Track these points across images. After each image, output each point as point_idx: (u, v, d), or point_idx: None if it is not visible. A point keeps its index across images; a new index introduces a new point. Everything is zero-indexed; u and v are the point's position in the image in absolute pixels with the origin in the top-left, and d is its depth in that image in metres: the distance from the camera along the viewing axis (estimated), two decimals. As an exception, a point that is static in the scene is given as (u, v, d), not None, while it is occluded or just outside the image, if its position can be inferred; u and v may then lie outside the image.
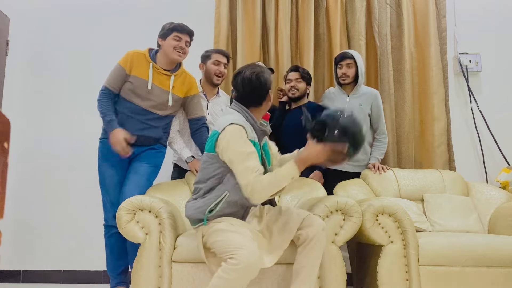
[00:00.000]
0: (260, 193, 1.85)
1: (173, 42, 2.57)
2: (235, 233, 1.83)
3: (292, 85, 3.03)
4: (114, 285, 2.63)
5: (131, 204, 2.13)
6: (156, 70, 2.59)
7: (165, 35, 2.59)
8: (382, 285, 2.19)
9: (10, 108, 3.44)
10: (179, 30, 2.58)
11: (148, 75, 2.57)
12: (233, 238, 1.80)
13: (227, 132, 1.92)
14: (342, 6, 3.53)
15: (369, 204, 2.25)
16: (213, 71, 2.87)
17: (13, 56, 3.50)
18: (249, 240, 1.80)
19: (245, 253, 1.72)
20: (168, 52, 2.57)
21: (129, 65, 2.56)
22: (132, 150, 2.52)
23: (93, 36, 3.57)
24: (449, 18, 3.62)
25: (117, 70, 2.57)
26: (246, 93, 2.03)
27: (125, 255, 2.62)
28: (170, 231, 2.12)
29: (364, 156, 3.04)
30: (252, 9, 3.48)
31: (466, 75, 3.59)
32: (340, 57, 3.05)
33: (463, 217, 2.73)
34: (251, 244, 1.78)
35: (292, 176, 1.87)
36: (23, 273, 3.29)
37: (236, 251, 1.74)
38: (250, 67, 2.06)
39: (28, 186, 3.39)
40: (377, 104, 3.04)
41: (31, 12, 3.57)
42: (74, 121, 3.47)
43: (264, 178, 1.85)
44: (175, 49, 2.57)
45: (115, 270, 2.62)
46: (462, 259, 2.22)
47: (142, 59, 2.59)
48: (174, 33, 2.57)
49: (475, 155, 3.56)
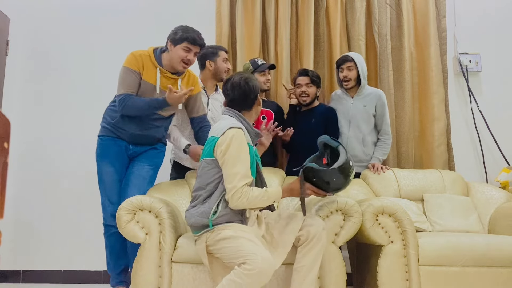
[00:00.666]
0: (243, 203, 1.92)
1: (182, 53, 2.48)
2: (245, 239, 1.85)
3: (303, 90, 3.04)
4: (114, 284, 2.62)
5: (131, 204, 2.13)
6: (163, 75, 2.54)
7: (176, 42, 2.49)
8: (382, 285, 2.19)
9: (10, 108, 3.44)
10: (191, 42, 2.48)
11: (155, 79, 2.52)
12: (245, 244, 1.82)
13: (228, 136, 1.95)
14: (342, 6, 3.53)
15: (369, 204, 2.25)
16: (223, 69, 2.90)
17: (13, 56, 3.49)
18: (261, 246, 1.83)
19: (260, 259, 1.75)
20: (174, 61, 2.51)
21: (141, 68, 2.49)
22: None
23: (93, 36, 3.57)
24: (449, 18, 3.62)
25: (131, 74, 2.47)
26: (236, 97, 2.10)
27: (125, 255, 2.61)
28: (170, 231, 2.12)
29: (366, 157, 3.05)
30: (252, 8, 3.48)
31: (466, 75, 3.59)
32: (341, 61, 3.08)
33: (463, 217, 2.73)
34: (264, 251, 1.81)
35: (274, 200, 1.99)
36: (23, 273, 3.29)
37: (250, 256, 1.76)
38: (239, 73, 2.16)
39: (28, 186, 3.39)
40: (382, 104, 3.06)
41: (31, 12, 3.57)
42: (74, 121, 3.47)
43: (254, 191, 1.92)
44: (182, 60, 2.50)
45: (115, 269, 2.62)
46: (462, 259, 2.22)
47: (149, 63, 2.52)
48: (185, 43, 2.48)
49: (475, 155, 3.56)
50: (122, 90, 2.47)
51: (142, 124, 2.56)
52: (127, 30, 3.57)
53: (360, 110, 3.03)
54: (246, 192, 1.90)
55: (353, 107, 3.05)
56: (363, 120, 3.04)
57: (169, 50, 2.53)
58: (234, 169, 1.91)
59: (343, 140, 3.05)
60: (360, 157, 3.03)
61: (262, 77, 3.06)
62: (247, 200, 1.90)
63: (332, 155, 2.18)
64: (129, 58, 2.50)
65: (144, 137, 2.59)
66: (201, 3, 3.61)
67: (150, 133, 2.60)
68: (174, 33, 2.51)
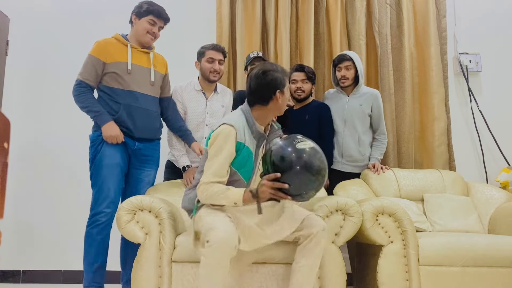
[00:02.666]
0: (202, 198, 1.91)
1: (147, 25, 2.57)
2: (210, 216, 1.85)
3: (298, 87, 2.99)
4: (87, 285, 2.43)
5: (131, 204, 2.13)
6: (134, 50, 2.60)
7: (141, 15, 2.58)
8: (382, 285, 2.19)
9: (10, 108, 3.45)
10: (156, 15, 2.58)
11: (127, 57, 2.56)
12: (208, 220, 1.83)
13: (217, 131, 1.95)
14: (342, 6, 3.53)
15: (369, 204, 2.25)
16: (208, 69, 2.81)
17: (13, 56, 3.50)
18: (221, 220, 1.81)
19: (216, 232, 1.73)
20: (140, 34, 2.59)
21: (104, 54, 2.52)
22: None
23: (93, 36, 3.54)
24: (449, 18, 3.62)
25: (92, 61, 2.51)
26: (251, 90, 1.99)
27: (104, 251, 2.47)
28: (170, 231, 2.12)
29: (362, 156, 3.03)
30: (252, 8, 3.48)
31: (466, 75, 3.59)
32: (338, 60, 3.03)
33: (463, 217, 2.73)
34: (224, 224, 1.78)
35: (235, 202, 1.86)
36: (23, 273, 3.29)
37: (209, 232, 1.76)
38: (262, 64, 2.04)
39: (28, 186, 3.39)
40: (378, 105, 3.04)
41: (31, 12, 3.57)
42: (74, 120, 3.46)
43: (215, 187, 1.87)
44: (148, 32, 2.58)
45: (91, 266, 2.43)
46: (462, 259, 2.21)
47: (116, 44, 2.57)
48: (150, 16, 2.57)
49: (475, 155, 3.56)
50: (80, 76, 2.52)
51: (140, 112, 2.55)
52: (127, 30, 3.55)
53: (356, 109, 3.00)
54: (208, 187, 1.88)
55: (348, 106, 3.02)
56: (359, 119, 3.00)
57: (134, 23, 2.61)
58: (209, 164, 1.91)
59: (338, 139, 3.01)
60: (355, 157, 3.01)
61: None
62: (206, 196, 1.89)
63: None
64: (94, 46, 2.55)
65: (145, 129, 2.59)
66: (201, 3, 3.61)
67: (149, 123, 2.60)
68: (139, 7, 2.59)
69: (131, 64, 2.56)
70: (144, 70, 2.61)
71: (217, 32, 3.47)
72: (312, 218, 1.99)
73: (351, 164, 3.02)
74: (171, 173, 2.89)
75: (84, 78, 2.52)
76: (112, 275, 3.08)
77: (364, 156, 3.03)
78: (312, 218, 1.99)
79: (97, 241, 2.43)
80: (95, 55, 2.52)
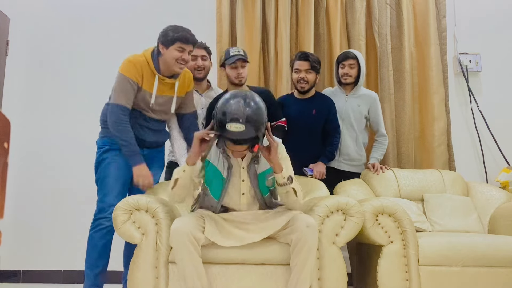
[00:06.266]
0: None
1: (176, 53, 2.40)
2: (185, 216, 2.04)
3: (302, 77, 2.84)
4: (87, 286, 2.42)
5: (128, 204, 2.11)
6: (161, 81, 2.48)
7: (168, 44, 2.40)
8: (382, 285, 2.19)
9: (10, 108, 3.44)
10: (183, 41, 2.40)
11: (153, 87, 2.46)
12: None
13: None
14: (342, 6, 3.53)
15: (369, 204, 2.24)
16: (192, 66, 2.81)
17: (13, 56, 3.50)
18: (186, 216, 2.00)
19: (173, 224, 1.93)
20: (170, 64, 2.43)
21: (140, 79, 2.42)
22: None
23: (93, 36, 3.57)
24: (449, 18, 3.62)
25: (130, 85, 2.39)
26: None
27: (105, 255, 2.46)
28: (167, 231, 2.09)
29: (359, 156, 3.03)
30: (252, 8, 3.48)
31: (466, 75, 3.59)
32: (342, 57, 3.00)
33: (463, 217, 2.73)
34: (183, 217, 1.98)
35: (184, 170, 1.98)
36: (23, 273, 3.29)
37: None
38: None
39: (28, 186, 3.39)
40: (375, 108, 3.03)
41: (31, 12, 3.57)
42: (74, 121, 3.47)
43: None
44: (177, 61, 2.41)
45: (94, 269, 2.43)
46: (462, 259, 2.21)
47: (148, 70, 2.44)
48: (177, 43, 2.39)
49: (475, 155, 3.56)
50: (121, 101, 2.38)
51: (149, 132, 2.54)
52: (127, 30, 3.56)
53: (354, 109, 2.99)
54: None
55: (346, 105, 3.01)
56: (356, 119, 2.99)
57: (162, 53, 2.44)
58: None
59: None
60: (352, 156, 3.00)
61: (233, 71, 2.73)
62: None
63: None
64: (128, 66, 2.40)
65: (153, 143, 2.58)
66: (201, 3, 3.61)
67: (158, 138, 2.59)
68: (164, 35, 2.41)
69: (155, 96, 2.47)
70: (166, 101, 2.52)
71: (217, 32, 3.47)
72: (297, 218, 1.97)
73: (348, 163, 3.01)
74: (170, 174, 2.89)
75: (126, 102, 2.39)
76: (112, 275, 3.08)
77: (362, 156, 3.04)
78: (296, 218, 1.98)
79: (99, 246, 2.41)
80: (133, 79, 2.39)
